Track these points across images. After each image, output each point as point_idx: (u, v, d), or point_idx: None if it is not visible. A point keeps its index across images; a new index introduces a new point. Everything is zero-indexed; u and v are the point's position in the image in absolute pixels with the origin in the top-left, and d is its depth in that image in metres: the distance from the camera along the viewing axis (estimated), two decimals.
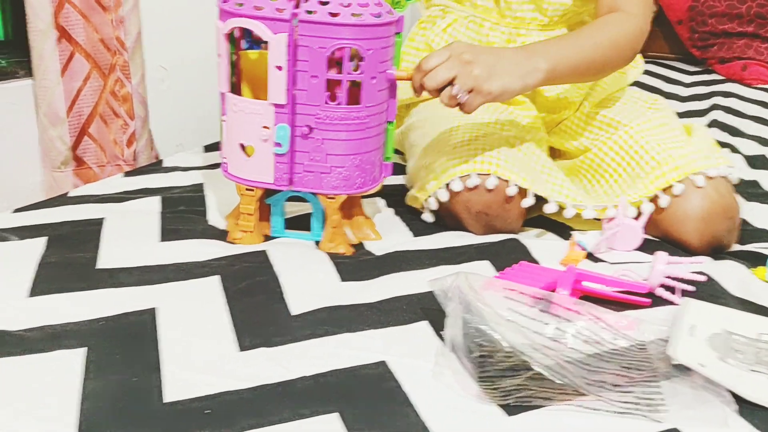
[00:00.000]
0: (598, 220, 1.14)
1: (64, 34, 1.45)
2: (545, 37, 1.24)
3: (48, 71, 1.44)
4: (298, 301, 0.88)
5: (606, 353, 0.78)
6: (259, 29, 0.91)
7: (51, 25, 1.42)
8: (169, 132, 1.80)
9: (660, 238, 1.11)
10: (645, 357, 0.79)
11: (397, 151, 1.43)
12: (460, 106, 0.97)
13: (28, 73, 1.49)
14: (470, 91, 0.96)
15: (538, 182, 1.09)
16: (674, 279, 0.95)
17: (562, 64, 1.04)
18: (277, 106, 0.94)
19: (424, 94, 0.99)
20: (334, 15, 0.91)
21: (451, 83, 0.95)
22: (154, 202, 1.16)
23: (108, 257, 0.97)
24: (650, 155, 1.12)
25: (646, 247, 1.07)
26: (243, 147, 0.98)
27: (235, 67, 1.01)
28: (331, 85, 0.96)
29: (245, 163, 0.99)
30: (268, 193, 1.03)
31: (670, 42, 2.54)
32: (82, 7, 1.46)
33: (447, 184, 1.08)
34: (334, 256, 0.99)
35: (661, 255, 0.98)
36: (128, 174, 1.33)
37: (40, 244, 1.00)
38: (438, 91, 0.96)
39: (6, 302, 0.86)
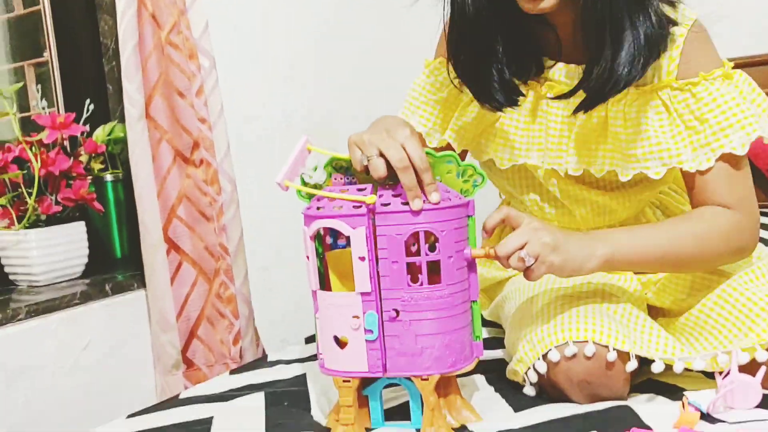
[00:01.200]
0: (711, 377, 1.08)
1: (172, 245, 1.57)
2: None
3: (159, 281, 1.55)
4: None
5: None
6: (340, 226, 0.98)
7: (161, 239, 1.55)
8: (273, 327, 1.87)
9: None
10: None
11: (496, 324, 1.42)
12: (526, 272, 1.00)
13: (142, 284, 1.60)
14: (536, 258, 0.99)
15: (639, 343, 1.06)
16: None
17: (623, 253, 1.05)
18: (364, 294, 0.99)
19: (511, 270, 1.01)
20: (406, 203, 0.97)
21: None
22: (259, 398, 1.19)
23: None
24: (759, 306, 1.08)
25: (767, 403, 1.01)
26: (337, 339, 1.02)
27: (323, 265, 1.07)
28: (413, 268, 1.00)
29: (340, 356, 1.01)
30: (365, 383, 1.04)
31: (766, 190, 2.49)
32: (188, 220, 1.58)
33: (544, 355, 1.06)
34: None
35: None
36: (234, 372, 1.37)
37: None
38: (507, 258, 1.00)
39: None
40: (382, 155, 0.97)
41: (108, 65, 1.74)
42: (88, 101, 1.70)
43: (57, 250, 1.58)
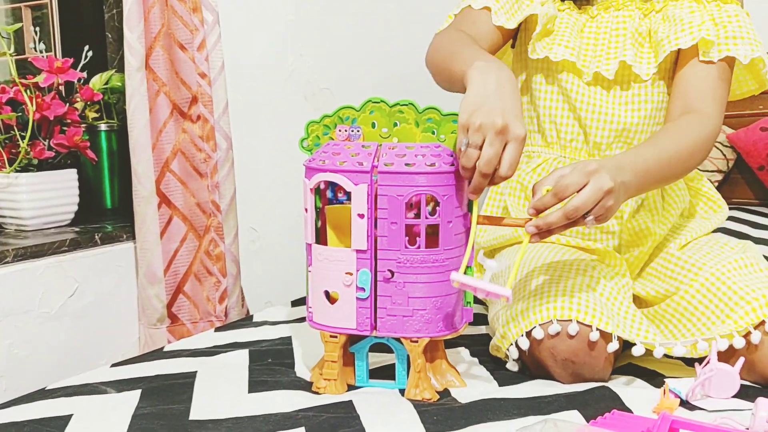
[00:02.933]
0: (690, 364, 1.10)
1: (164, 199, 1.56)
2: None
3: (149, 234, 1.54)
4: None
5: None
6: (342, 181, 0.98)
7: (153, 192, 1.54)
8: (258, 289, 1.87)
9: (760, 384, 1.07)
10: None
11: (480, 301, 1.43)
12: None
13: (131, 236, 1.60)
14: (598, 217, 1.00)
15: (622, 326, 1.08)
16: None
17: (644, 179, 1.08)
18: (359, 252, 0.99)
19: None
20: (409, 165, 0.97)
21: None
22: (243, 355, 1.19)
23: (199, 409, 0.99)
24: (739, 295, 1.10)
25: (746, 393, 1.03)
26: (328, 294, 1.02)
27: (320, 220, 1.07)
28: (411, 230, 1.01)
29: (329, 311, 1.02)
30: (353, 341, 1.05)
31: (754, 188, 2.51)
32: (181, 175, 1.58)
33: (528, 332, 1.07)
34: (418, 405, 0.99)
35: (763, 401, 0.93)
36: (219, 329, 1.37)
37: (135, 396, 1.03)
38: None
39: None
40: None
41: (108, 13, 1.72)
42: (86, 48, 1.68)
43: (47, 196, 1.56)
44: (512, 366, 1.12)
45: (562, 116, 1.28)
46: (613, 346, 1.06)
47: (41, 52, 1.65)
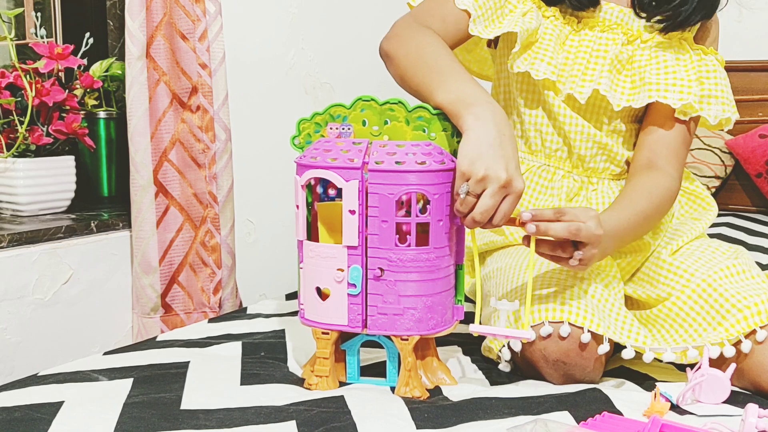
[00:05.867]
0: (681, 368, 1.10)
1: (161, 189, 1.56)
2: (616, 185, 1.27)
3: (145, 223, 1.54)
4: None
5: None
6: (333, 178, 0.98)
7: (150, 182, 1.54)
8: (253, 281, 1.87)
9: (750, 391, 1.07)
10: None
11: (472, 300, 1.43)
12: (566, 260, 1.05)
13: (127, 225, 1.60)
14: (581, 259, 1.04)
15: (613, 328, 1.08)
16: None
17: (620, 242, 1.13)
18: (350, 248, 0.99)
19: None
20: (400, 163, 0.97)
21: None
22: (236, 347, 1.19)
23: (191, 399, 0.99)
24: (730, 303, 1.10)
25: (736, 399, 1.03)
26: (319, 291, 1.02)
27: (312, 216, 1.07)
28: (401, 228, 1.01)
29: (321, 307, 1.02)
30: (344, 338, 1.05)
31: (751, 194, 2.52)
32: (179, 165, 1.57)
33: None
34: (409, 402, 0.99)
35: (753, 408, 0.94)
36: (212, 320, 1.37)
37: (127, 384, 1.03)
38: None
39: None
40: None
41: (110, 0, 1.72)
42: (87, 35, 1.67)
43: (44, 182, 1.56)
44: (504, 367, 1.12)
45: (547, 125, 1.27)
46: (604, 348, 1.06)
47: (42, 37, 1.65)
